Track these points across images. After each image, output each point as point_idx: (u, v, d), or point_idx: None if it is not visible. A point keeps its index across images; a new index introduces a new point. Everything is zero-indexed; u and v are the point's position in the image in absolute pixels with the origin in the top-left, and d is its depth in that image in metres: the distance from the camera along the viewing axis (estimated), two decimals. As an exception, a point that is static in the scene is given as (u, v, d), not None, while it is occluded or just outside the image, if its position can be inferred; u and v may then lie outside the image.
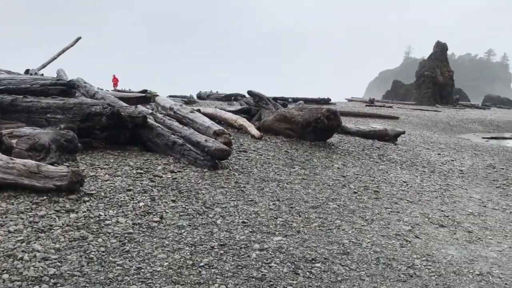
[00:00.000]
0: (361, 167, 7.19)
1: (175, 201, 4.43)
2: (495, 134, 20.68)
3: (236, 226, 3.90)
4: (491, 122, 25.77)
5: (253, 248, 3.44)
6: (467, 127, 22.70)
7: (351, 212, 4.70)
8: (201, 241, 3.51)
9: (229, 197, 4.74)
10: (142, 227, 3.70)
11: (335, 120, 8.48)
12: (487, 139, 17.84)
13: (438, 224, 4.64)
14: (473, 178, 7.64)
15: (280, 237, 3.72)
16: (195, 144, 6.27)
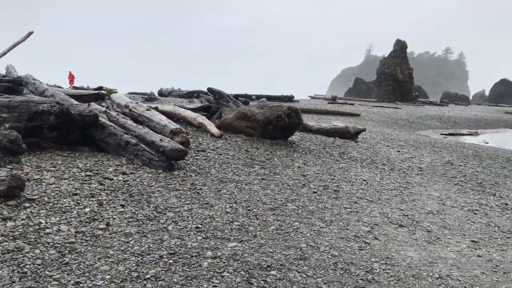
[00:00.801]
0: (321, 166, 7.10)
1: (124, 205, 4.19)
2: (453, 131, 21.21)
3: (189, 232, 3.69)
4: (449, 119, 26.45)
5: (205, 256, 3.25)
6: (426, 123, 23.19)
7: (310, 213, 4.57)
8: (149, 250, 3.29)
9: (184, 200, 4.53)
10: (86, 235, 3.44)
11: (296, 118, 8.37)
12: (445, 136, 18.25)
13: (397, 224, 4.58)
14: (432, 175, 7.69)
15: (235, 243, 3.54)
16: (150, 144, 6.02)
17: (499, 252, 4.05)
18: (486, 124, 26.40)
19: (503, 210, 5.92)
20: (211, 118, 9.89)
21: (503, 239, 4.54)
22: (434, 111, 31.44)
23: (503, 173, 8.57)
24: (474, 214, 5.51)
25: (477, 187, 7.14)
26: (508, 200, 6.50)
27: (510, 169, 8.99)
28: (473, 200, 6.25)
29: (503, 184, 7.54)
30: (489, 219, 5.34)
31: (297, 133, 10.04)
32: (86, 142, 6.33)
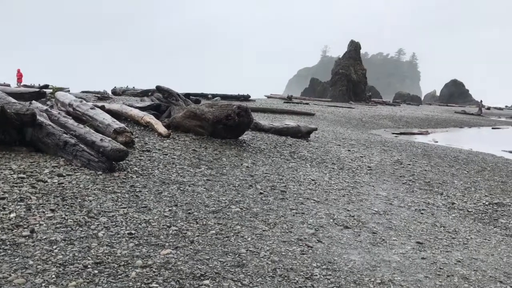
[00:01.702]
0: (271, 166, 6.95)
1: (54, 210, 3.86)
2: (404, 130, 21.71)
3: (120, 239, 3.42)
4: (401, 118, 27.08)
5: (135, 265, 2.99)
6: (378, 123, 23.62)
7: (254, 215, 4.39)
8: (74, 259, 3.00)
9: (120, 203, 4.24)
10: (6, 244, 3.12)
11: (246, 117, 8.18)
12: (397, 135, 18.62)
13: (342, 226, 4.46)
14: (381, 174, 7.70)
15: (170, 250, 3.30)
16: (90, 144, 5.68)
17: (443, 254, 4.00)
18: (437, 124, 27.21)
19: (450, 210, 5.96)
20: (160, 117, 9.57)
21: (448, 239, 4.52)
22: (387, 111, 32.14)
23: (451, 172, 8.72)
24: (421, 214, 5.50)
25: (425, 186, 7.19)
26: (455, 199, 6.57)
27: (457, 168, 9.17)
28: (421, 200, 6.27)
29: (450, 183, 7.64)
30: (436, 219, 5.34)
31: (249, 132, 9.87)
32: (24, 143, 5.93)
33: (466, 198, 6.65)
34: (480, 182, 8.00)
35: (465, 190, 7.24)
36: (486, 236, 4.85)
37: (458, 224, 5.24)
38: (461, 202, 6.38)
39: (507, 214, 5.99)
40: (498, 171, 9.19)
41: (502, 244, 4.61)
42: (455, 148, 13.30)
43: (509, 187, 7.81)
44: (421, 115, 31.41)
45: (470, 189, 7.32)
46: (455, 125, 28.10)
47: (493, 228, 5.32)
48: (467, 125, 29.35)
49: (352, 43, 46.63)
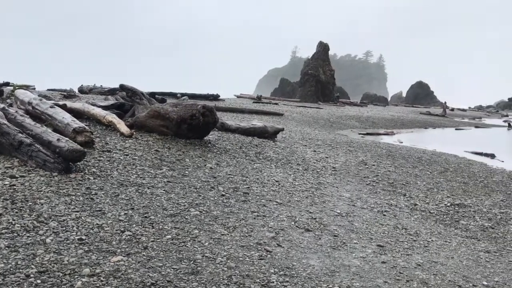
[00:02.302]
0: (235, 167, 6.83)
1: (2, 214, 3.65)
2: (371, 130, 21.95)
3: (69, 245, 3.24)
4: (367, 119, 27.40)
5: (81, 274, 2.83)
6: (345, 123, 23.82)
7: (214, 219, 4.27)
8: (16, 268, 2.82)
9: (73, 207, 4.04)
10: None
11: (211, 117, 8.04)
12: (363, 135, 18.79)
13: (304, 229, 4.39)
14: (345, 175, 7.70)
15: (121, 257, 3.14)
16: (47, 144, 5.45)
17: (404, 257, 3.98)
18: (402, 124, 27.66)
19: (412, 211, 5.99)
20: (124, 117, 9.32)
21: (409, 242, 4.51)
22: (354, 112, 32.48)
23: (414, 172, 8.81)
24: (383, 215, 5.50)
25: (388, 187, 7.22)
26: (417, 200, 6.62)
27: (421, 169, 9.27)
28: (383, 201, 6.28)
29: (413, 184, 7.71)
30: (398, 220, 5.34)
31: (215, 132, 9.73)
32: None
33: (429, 199, 6.71)
34: (443, 183, 8.11)
35: (427, 191, 7.31)
36: (447, 238, 4.87)
37: (420, 226, 5.26)
38: (423, 203, 6.43)
39: (468, 215, 6.06)
40: (460, 172, 9.35)
41: (462, 246, 4.64)
42: (419, 148, 13.50)
43: (470, 187, 7.94)
44: (387, 116, 31.88)
45: (433, 190, 7.40)
46: (420, 126, 28.63)
47: (454, 229, 5.36)
48: (431, 126, 29.96)
49: (321, 44, 46.92)
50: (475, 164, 11.07)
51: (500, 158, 13.58)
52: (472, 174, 9.25)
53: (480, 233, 5.31)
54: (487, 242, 4.99)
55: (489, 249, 4.67)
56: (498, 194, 7.61)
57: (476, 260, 4.17)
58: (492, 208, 6.56)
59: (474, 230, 5.41)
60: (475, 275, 3.70)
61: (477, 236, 5.18)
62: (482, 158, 13.21)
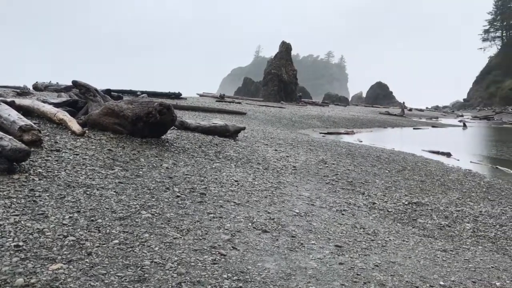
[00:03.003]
0: (193, 166, 6.63)
1: None
2: (332, 130, 22.15)
3: (4, 252, 2.97)
4: (329, 118, 27.68)
5: (14, 285, 2.58)
6: (307, 123, 23.95)
7: (166, 221, 4.06)
8: None
9: (13, 210, 3.74)
10: None
11: (169, 115, 7.79)
12: (324, 134, 18.92)
13: (261, 230, 4.25)
14: (305, 174, 7.62)
15: (61, 264, 2.90)
16: (-12, 143, 5.07)
17: (362, 258, 3.89)
18: (362, 124, 28.08)
19: (370, 210, 5.96)
20: (77, 114, 8.93)
21: (367, 242, 4.44)
22: (316, 111, 32.76)
23: (372, 171, 8.84)
24: (342, 215, 5.43)
25: (347, 186, 7.19)
26: (376, 199, 6.61)
27: (379, 168, 9.33)
28: (342, 200, 6.23)
29: (372, 183, 7.72)
30: (356, 220, 5.28)
31: (174, 131, 9.50)
32: None
33: (387, 198, 6.72)
34: (401, 181, 8.17)
35: (386, 189, 7.33)
36: (404, 237, 4.85)
37: (378, 225, 5.22)
38: (381, 202, 6.42)
39: (425, 214, 6.09)
40: (418, 171, 9.47)
41: (419, 245, 4.62)
42: (378, 147, 13.66)
43: (427, 186, 8.03)
44: (348, 116, 32.31)
45: (391, 189, 7.43)
46: (379, 126, 29.16)
47: (412, 228, 5.35)
48: (390, 125, 30.57)
49: (284, 44, 47.13)
50: (432, 162, 11.27)
51: (456, 156, 13.92)
52: (429, 172, 9.38)
53: (437, 232, 5.32)
54: (444, 240, 5.00)
55: (446, 247, 4.67)
56: (454, 192, 7.72)
57: (433, 259, 4.15)
58: (448, 206, 6.63)
59: (431, 229, 5.42)
60: (432, 275, 3.65)
61: (434, 235, 5.18)
62: (439, 157, 13.51)
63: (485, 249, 4.88)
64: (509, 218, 6.29)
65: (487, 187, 8.55)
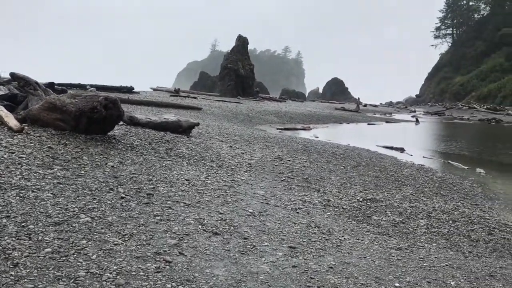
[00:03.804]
0: (141, 165, 6.29)
1: None
2: (289, 125, 22.10)
3: None
4: (286, 114, 27.67)
5: None
6: (264, 118, 23.83)
7: (108, 226, 3.74)
8: None
9: None
10: None
11: (115, 110, 7.37)
12: (281, 130, 18.84)
13: (211, 232, 4.00)
14: (261, 171, 7.43)
15: (-21, 280, 2.56)
16: None
17: (316, 259, 3.72)
18: (318, 119, 28.25)
19: (325, 207, 5.83)
20: (17, 109, 8.36)
21: (321, 241, 4.29)
22: (273, 107, 32.73)
23: (328, 167, 8.76)
24: (297, 213, 5.26)
25: (303, 183, 7.06)
26: (331, 196, 6.49)
27: (335, 164, 9.27)
28: (298, 198, 6.07)
29: (327, 179, 7.62)
30: (311, 218, 5.13)
31: (123, 126, 9.08)
32: None
33: (342, 195, 6.62)
34: (356, 177, 8.12)
35: (341, 186, 7.25)
36: (359, 236, 4.73)
37: (333, 223, 5.09)
38: (336, 199, 6.31)
39: (380, 210, 6.02)
40: (372, 166, 9.48)
41: (374, 244, 4.51)
42: (334, 143, 13.67)
43: (382, 182, 8.02)
44: (304, 111, 32.46)
45: (346, 185, 7.35)
46: (335, 121, 29.44)
47: (367, 226, 5.26)
48: (346, 121, 30.94)
49: (240, 38, 46.79)
50: (386, 158, 11.37)
51: (409, 152, 14.14)
52: (383, 168, 9.42)
53: (392, 229, 5.25)
54: (398, 238, 4.93)
55: (401, 245, 4.58)
56: (408, 188, 7.75)
57: (388, 259, 4.03)
58: (402, 202, 6.61)
59: (385, 226, 5.34)
60: (388, 276, 3.53)
61: (389, 232, 5.10)
62: (393, 152, 13.68)
63: (439, 246, 4.85)
64: (462, 213, 6.34)
65: (440, 182, 8.65)
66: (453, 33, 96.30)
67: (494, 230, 5.80)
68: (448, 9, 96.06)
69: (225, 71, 45.03)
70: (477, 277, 3.82)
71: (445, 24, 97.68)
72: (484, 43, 78.01)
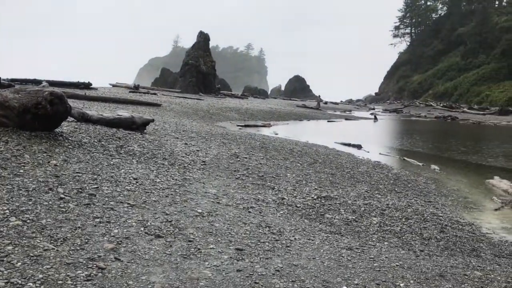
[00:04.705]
0: (87, 163, 5.98)
1: None
2: (249, 122, 22.02)
3: None
4: (247, 111, 27.57)
5: None
6: (225, 115, 23.64)
7: (40, 229, 3.47)
8: None
9: None
10: None
11: (61, 105, 7.00)
12: (241, 127, 18.70)
13: (154, 235, 3.80)
14: (215, 169, 7.24)
15: None
16: None
17: (263, 262, 3.58)
18: (279, 116, 28.30)
19: (279, 206, 5.72)
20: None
21: (271, 242, 4.15)
22: (234, 103, 32.57)
23: (285, 164, 8.67)
24: (248, 212, 5.12)
25: (258, 181, 6.93)
26: (285, 194, 6.39)
27: (292, 161, 9.19)
28: (251, 196, 5.93)
29: (283, 177, 7.52)
30: (263, 218, 4.99)
31: (73, 123, 8.69)
32: None
33: (297, 192, 6.53)
34: (312, 174, 8.06)
35: (296, 183, 7.16)
36: (310, 235, 4.63)
37: (285, 222, 4.97)
38: (291, 197, 6.21)
39: (333, 208, 5.96)
40: (329, 163, 9.47)
41: (325, 243, 4.42)
42: (293, 140, 13.64)
43: (337, 179, 7.99)
44: (266, 108, 32.45)
45: (302, 182, 7.27)
46: (296, 118, 29.57)
47: (319, 225, 5.17)
48: (306, 118, 31.15)
49: (201, 34, 46.36)
50: (343, 155, 11.41)
51: (366, 148, 14.30)
52: (339, 165, 9.41)
53: (344, 228, 5.19)
54: (350, 237, 4.87)
55: (352, 245, 4.51)
56: (363, 185, 7.75)
57: (338, 259, 3.94)
58: (356, 199, 6.58)
59: (338, 225, 5.28)
60: (336, 278, 3.43)
61: (341, 231, 5.03)
62: (350, 149, 13.78)
63: (391, 245, 4.81)
64: (415, 210, 6.37)
65: (394, 179, 8.72)
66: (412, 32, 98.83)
67: (446, 228, 5.85)
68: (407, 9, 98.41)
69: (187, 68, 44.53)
70: (427, 277, 3.77)
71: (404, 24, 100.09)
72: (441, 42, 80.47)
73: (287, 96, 75.80)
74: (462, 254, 4.94)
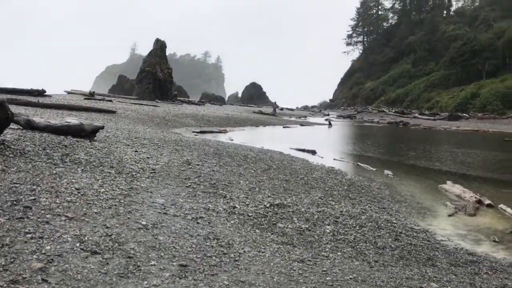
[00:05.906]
0: (27, 172, 5.59)
1: None
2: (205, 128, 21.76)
3: None
4: (203, 117, 27.27)
5: None
6: (181, 121, 23.27)
7: (-41, 249, 3.14)
8: None
9: None
10: None
11: (1, 112, 6.58)
12: (197, 133, 18.41)
13: (90, 251, 3.52)
14: (165, 177, 6.98)
15: None
16: None
17: (207, 279, 3.37)
18: (235, 123, 28.16)
19: (230, 215, 5.53)
20: None
21: (218, 256, 3.95)
22: (191, 110, 32.20)
23: (238, 171, 8.50)
24: (197, 223, 4.90)
25: (209, 189, 6.72)
26: (237, 202, 6.21)
27: (245, 167, 9.03)
28: (201, 205, 5.71)
29: (236, 184, 7.35)
30: (211, 228, 4.79)
31: (18, 131, 8.23)
32: None
33: (249, 200, 6.37)
34: (265, 181, 7.93)
35: (249, 190, 7.00)
36: (261, 247, 4.46)
37: (235, 233, 4.79)
38: (243, 206, 6.04)
39: (286, 217, 5.83)
40: (283, 169, 9.37)
41: (276, 256, 4.26)
42: (247, 146, 13.50)
43: (291, 185, 7.89)
44: (222, 114, 32.24)
45: (255, 190, 7.12)
46: (252, 124, 29.52)
47: (271, 235, 5.01)
48: (262, 124, 31.15)
49: (158, 42, 45.72)
50: (298, 161, 11.36)
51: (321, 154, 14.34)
52: (294, 171, 9.34)
53: (296, 238, 5.05)
54: (302, 248, 4.73)
55: (304, 257, 4.37)
56: (317, 191, 7.68)
57: (288, 273, 3.79)
58: (310, 207, 6.49)
59: (290, 234, 5.14)
60: (285, 293, 3.27)
61: (293, 242, 4.89)
62: (305, 155, 13.79)
63: (344, 255, 4.71)
64: (369, 218, 6.33)
65: (348, 185, 8.72)
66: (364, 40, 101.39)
67: (400, 235, 5.82)
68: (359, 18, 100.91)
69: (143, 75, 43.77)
70: (382, 290, 3.69)
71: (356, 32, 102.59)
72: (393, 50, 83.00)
73: (244, 103, 75.97)
74: (417, 263, 4.89)
